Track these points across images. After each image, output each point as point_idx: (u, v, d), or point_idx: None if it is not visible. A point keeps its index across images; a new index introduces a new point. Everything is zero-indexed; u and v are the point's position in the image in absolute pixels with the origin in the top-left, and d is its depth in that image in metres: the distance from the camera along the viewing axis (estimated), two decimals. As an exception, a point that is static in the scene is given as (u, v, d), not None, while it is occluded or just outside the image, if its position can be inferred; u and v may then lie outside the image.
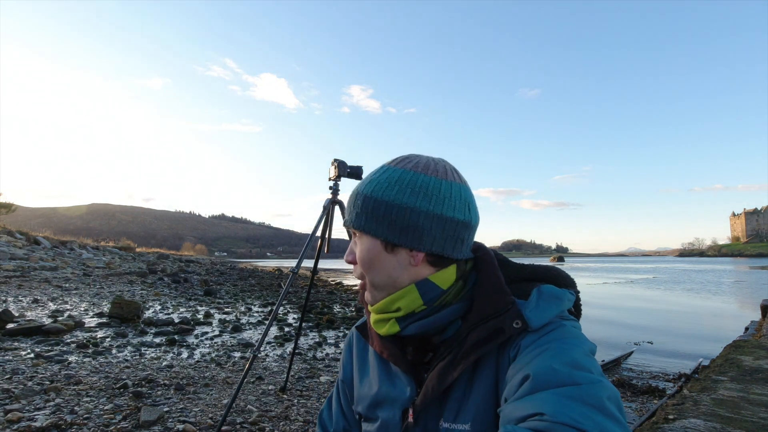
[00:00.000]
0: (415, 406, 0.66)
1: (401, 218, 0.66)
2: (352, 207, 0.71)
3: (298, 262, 2.86)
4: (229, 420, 2.82)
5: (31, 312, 6.37)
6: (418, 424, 0.67)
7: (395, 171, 0.69)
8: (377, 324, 0.72)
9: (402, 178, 0.68)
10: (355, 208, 0.70)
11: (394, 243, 0.67)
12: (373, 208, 0.68)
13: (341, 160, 2.82)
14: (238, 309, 8.62)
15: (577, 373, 0.52)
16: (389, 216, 0.66)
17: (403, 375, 0.71)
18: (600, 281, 25.84)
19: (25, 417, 2.61)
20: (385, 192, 0.67)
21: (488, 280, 0.68)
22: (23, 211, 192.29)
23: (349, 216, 0.72)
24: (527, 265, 0.74)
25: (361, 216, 0.69)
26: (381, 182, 0.69)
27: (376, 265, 0.69)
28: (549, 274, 0.71)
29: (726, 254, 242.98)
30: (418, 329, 0.67)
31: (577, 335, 0.60)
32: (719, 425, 2.43)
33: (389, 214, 0.66)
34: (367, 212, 0.68)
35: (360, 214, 0.69)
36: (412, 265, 0.68)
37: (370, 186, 0.69)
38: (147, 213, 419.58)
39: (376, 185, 0.69)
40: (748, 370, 3.62)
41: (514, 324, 0.61)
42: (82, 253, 17.19)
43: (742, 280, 26.91)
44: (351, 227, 0.72)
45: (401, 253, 0.68)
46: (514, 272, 0.72)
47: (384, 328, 0.70)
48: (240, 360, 4.57)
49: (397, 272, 0.68)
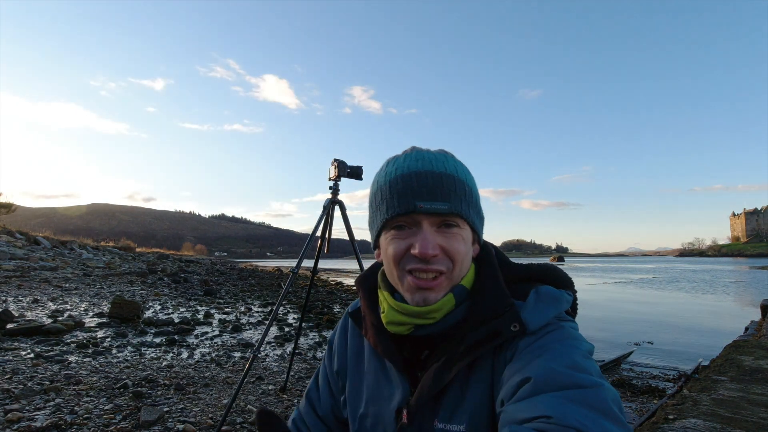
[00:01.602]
0: (409, 406, 0.65)
1: (479, 207, 0.65)
2: (453, 190, 0.62)
3: (298, 262, 2.86)
4: (229, 420, 2.81)
5: (31, 312, 6.36)
6: (412, 424, 0.65)
7: (455, 159, 0.66)
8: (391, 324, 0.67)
9: (466, 168, 0.66)
10: (458, 193, 0.63)
11: (479, 233, 0.66)
12: (471, 196, 0.64)
13: (341, 160, 2.82)
14: (238, 309, 8.61)
15: (579, 375, 0.51)
16: (477, 205, 0.66)
17: (396, 373, 0.69)
18: (600, 281, 25.83)
19: (25, 417, 2.61)
20: (470, 179, 0.65)
21: (488, 280, 0.67)
22: (23, 211, 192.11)
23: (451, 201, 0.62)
24: (526, 265, 0.73)
25: (468, 204, 0.64)
26: (462, 169, 0.64)
27: (467, 258, 0.65)
28: (547, 274, 0.71)
29: (726, 254, 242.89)
30: (431, 330, 0.66)
31: (576, 336, 0.59)
32: (719, 425, 2.43)
33: (477, 203, 0.65)
34: (470, 201, 0.64)
35: (467, 201, 0.64)
36: (471, 258, 0.68)
37: (459, 170, 0.64)
38: (147, 213, 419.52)
39: (463, 171, 0.65)
40: (748, 370, 3.62)
41: (512, 327, 0.60)
42: (82, 253, 17.19)
43: (742, 280, 26.90)
44: (459, 215, 0.63)
45: (476, 246, 0.68)
46: (513, 272, 0.72)
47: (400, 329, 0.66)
48: (240, 360, 4.57)
49: (468, 265, 0.67)
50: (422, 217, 0.62)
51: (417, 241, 0.61)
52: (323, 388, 0.84)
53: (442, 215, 0.62)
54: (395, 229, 0.65)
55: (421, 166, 0.63)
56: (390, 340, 0.70)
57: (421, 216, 0.62)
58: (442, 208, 0.61)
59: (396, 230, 0.65)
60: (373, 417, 0.71)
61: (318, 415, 0.83)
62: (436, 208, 0.61)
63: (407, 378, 0.68)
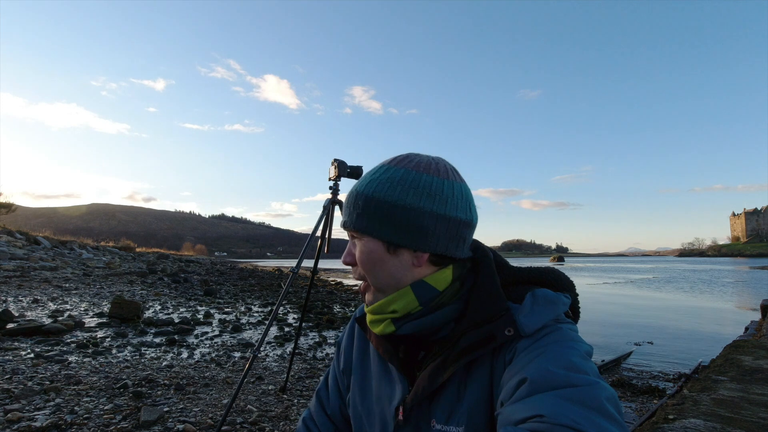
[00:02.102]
0: (405, 405, 0.66)
1: (405, 219, 0.65)
2: (352, 207, 0.69)
3: (298, 262, 2.86)
4: (229, 420, 2.82)
5: (31, 312, 6.36)
6: (408, 423, 0.66)
7: (397, 170, 0.68)
8: (373, 324, 0.72)
9: (404, 178, 0.67)
10: (356, 208, 0.68)
11: (398, 244, 0.66)
12: (375, 209, 0.66)
13: (341, 160, 2.82)
14: (238, 309, 8.61)
15: (574, 375, 0.52)
16: (393, 217, 0.65)
17: (396, 373, 0.71)
18: (600, 281, 25.84)
19: (25, 417, 2.61)
20: (388, 192, 0.66)
21: (484, 284, 0.67)
22: (23, 211, 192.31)
23: (349, 217, 0.70)
24: (524, 268, 0.73)
25: (363, 217, 0.67)
26: (383, 182, 0.67)
27: (378, 267, 0.68)
28: (546, 277, 0.70)
29: (726, 254, 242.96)
30: (413, 329, 0.67)
31: (574, 338, 0.59)
32: (719, 425, 2.43)
33: (392, 215, 0.65)
34: (369, 213, 0.67)
35: (361, 215, 0.67)
36: (415, 266, 0.68)
37: (371, 186, 0.67)
38: (147, 213, 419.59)
39: (377, 185, 0.67)
40: (748, 370, 3.62)
41: (506, 332, 0.61)
42: (82, 253, 17.19)
43: (742, 280, 26.91)
44: (351, 229, 0.70)
45: (404, 254, 0.67)
46: (512, 275, 0.72)
47: (379, 327, 0.70)
48: (240, 360, 4.57)
49: (399, 273, 0.68)
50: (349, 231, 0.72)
51: None
52: (332, 388, 0.88)
53: (348, 229, 0.72)
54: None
55: (355, 187, 0.72)
56: (388, 342, 0.72)
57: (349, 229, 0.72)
58: (342, 222, 0.73)
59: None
60: (375, 416, 0.74)
61: (327, 413, 0.87)
62: (344, 222, 0.73)
63: (407, 378, 0.69)
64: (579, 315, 0.72)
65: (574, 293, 0.71)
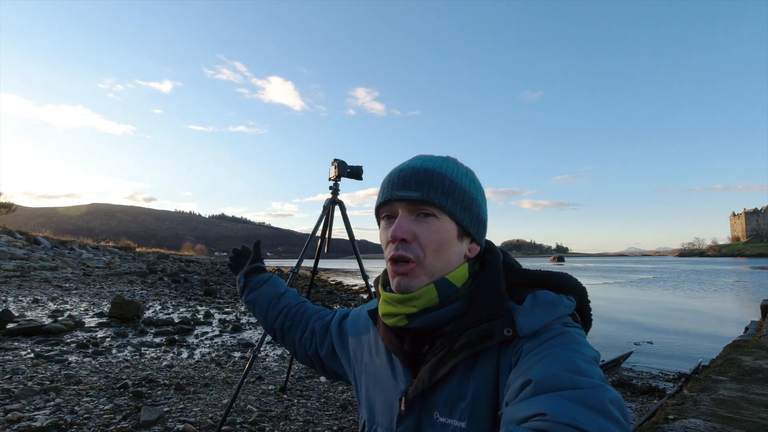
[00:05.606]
0: (407, 396, 0.68)
1: (476, 208, 0.70)
2: (429, 185, 0.66)
3: (298, 262, 2.86)
4: (229, 420, 2.82)
5: (31, 312, 6.36)
6: (410, 414, 0.68)
7: (454, 163, 0.72)
8: (386, 316, 0.72)
9: (466, 171, 0.71)
10: (440, 186, 0.67)
11: (468, 232, 0.69)
12: (459, 193, 0.68)
13: (341, 160, 2.82)
14: (238, 309, 8.61)
15: (579, 378, 0.52)
16: (467, 203, 0.69)
17: (400, 365, 0.72)
18: (600, 281, 25.83)
19: (25, 417, 2.61)
20: (461, 179, 0.69)
21: (489, 282, 0.68)
22: (23, 211, 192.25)
23: (424, 190, 0.66)
24: (534, 271, 0.72)
25: (449, 197, 0.67)
26: (453, 169, 0.70)
27: (445, 249, 0.67)
28: (552, 280, 0.70)
29: (726, 254, 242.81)
30: (423, 323, 0.68)
31: (581, 342, 0.59)
32: (719, 425, 2.43)
33: (467, 202, 0.69)
34: (453, 195, 0.68)
35: (447, 194, 0.67)
36: (465, 257, 0.71)
37: (448, 170, 0.69)
38: (147, 213, 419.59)
39: (453, 172, 0.69)
40: (748, 370, 3.62)
41: (504, 332, 0.61)
42: (82, 253, 17.19)
43: (742, 280, 26.91)
44: (434, 205, 0.66)
45: (465, 243, 0.70)
46: (519, 277, 0.71)
47: (392, 320, 0.71)
48: (240, 360, 4.57)
49: (455, 260, 0.69)
50: (399, 205, 0.68)
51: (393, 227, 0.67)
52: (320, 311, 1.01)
53: (415, 203, 0.66)
54: (384, 220, 0.72)
55: (405, 165, 0.70)
56: (394, 335, 0.73)
57: (397, 204, 0.68)
58: (413, 195, 0.66)
59: (385, 220, 0.72)
60: (382, 405, 0.75)
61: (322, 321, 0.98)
62: (407, 195, 0.66)
63: (411, 371, 0.71)
64: (591, 323, 0.71)
65: (584, 298, 0.69)
